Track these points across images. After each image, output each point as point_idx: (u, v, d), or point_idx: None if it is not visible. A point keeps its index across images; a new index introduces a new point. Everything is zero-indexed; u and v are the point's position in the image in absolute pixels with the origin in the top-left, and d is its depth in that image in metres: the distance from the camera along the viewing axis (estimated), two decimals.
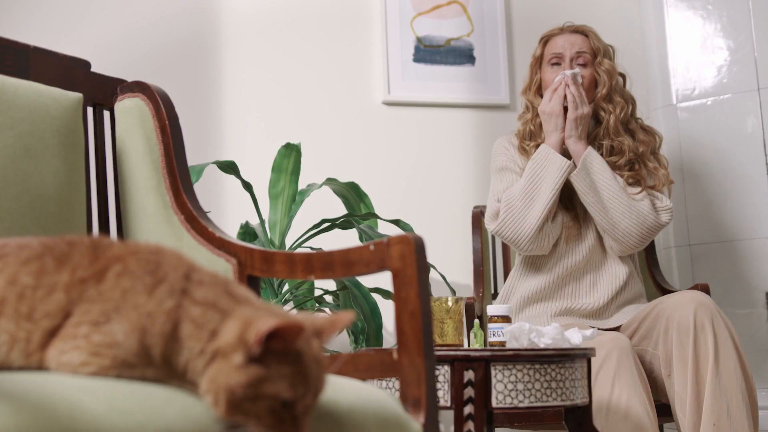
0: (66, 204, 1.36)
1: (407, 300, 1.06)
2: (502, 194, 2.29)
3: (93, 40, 2.67)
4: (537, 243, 2.23)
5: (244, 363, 0.77)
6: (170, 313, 0.80)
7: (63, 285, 0.82)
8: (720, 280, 2.67)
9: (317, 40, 2.89)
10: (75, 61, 1.48)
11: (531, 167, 2.24)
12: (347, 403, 0.95)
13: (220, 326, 0.80)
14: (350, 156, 2.85)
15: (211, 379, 0.78)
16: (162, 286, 0.82)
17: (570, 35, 2.38)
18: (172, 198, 1.43)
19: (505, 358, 1.53)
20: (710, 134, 2.78)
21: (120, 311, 0.80)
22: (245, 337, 0.78)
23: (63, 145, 1.37)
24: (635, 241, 2.23)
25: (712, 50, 2.80)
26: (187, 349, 0.79)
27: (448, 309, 1.80)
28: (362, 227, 2.25)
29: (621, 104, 2.33)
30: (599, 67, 2.34)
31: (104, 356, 0.80)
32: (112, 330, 0.80)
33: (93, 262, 0.84)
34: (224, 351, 0.78)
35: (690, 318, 1.94)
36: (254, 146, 2.77)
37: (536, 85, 2.42)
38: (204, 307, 0.81)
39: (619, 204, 2.21)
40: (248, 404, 0.77)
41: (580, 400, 1.61)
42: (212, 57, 2.81)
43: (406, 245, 1.07)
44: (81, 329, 0.80)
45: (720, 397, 1.86)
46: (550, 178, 2.21)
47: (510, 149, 2.40)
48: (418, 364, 1.05)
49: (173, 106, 1.50)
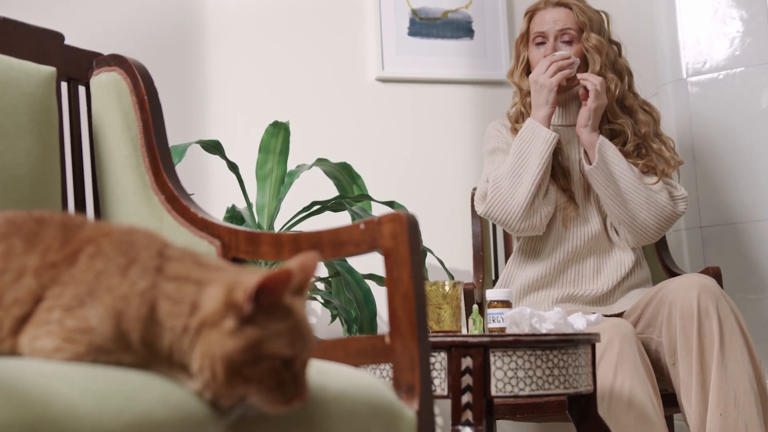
0: (40, 184, 1.35)
1: (399, 281, 1.06)
2: (491, 175, 2.29)
3: (68, 13, 2.66)
4: (528, 221, 2.22)
5: (238, 326, 0.77)
6: (144, 294, 0.80)
7: (32, 269, 0.82)
8: (732, 263, 2.68)
9: (307, 13, 2.88)
10: (48, 33, 1.48)
11: (517, 143, 2.23)
12: (336, 389, 0.95)
13: (199, 297, 0.79)
14: (342, 135, 2.85)
15: (203, 353, 0.77)
16: (134, 267, 0.81)
17: (552, 9, 2.35)
18: (152, 177, 1.43)
19: (505, 344, 1.54)
20: (722, 110, 2.77)
21: (94, 295, 0.80)
22: (233, 300, 0.77)
23: (36, 122, 1.36)
24: (653, 233, 2.25)
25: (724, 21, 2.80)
26: (169, 329, 0.79)
27: (445, 294, 1.80)
28: (355, 209, 2.25)
29: (615, 81, 2.30)
30: (586, 43, 2.31)
31: (78, 342, 0.80)
32: (86, 315, 0.80)
33: (64, 244, 0.84)
34: (211, 320, 0.77)
35: (693, 303, 1.94)
36: (240, 125, 2.77)
37: (523, 64, 2.40)
38: (177, 282, 0.80)
39: (638, 196, 2.21)
40: (249, 370, 0.77)
41: (584, 388, 1.62)
42: (196, 31, 2.80)
43: (398, 223, 1.08)
44: (53, 314, 0.80)
45: (726, 386, 1.87)
46: (536, 152, 2.20)
47: (503, 131, 2.39)
48: (411, 349, 1.05)
49: (152, 80, 1.49)
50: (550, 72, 2.24)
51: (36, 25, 1.47)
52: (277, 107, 2.78)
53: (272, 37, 2.85)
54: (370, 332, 2.24)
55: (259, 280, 0.76)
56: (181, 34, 2.78)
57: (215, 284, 0.79)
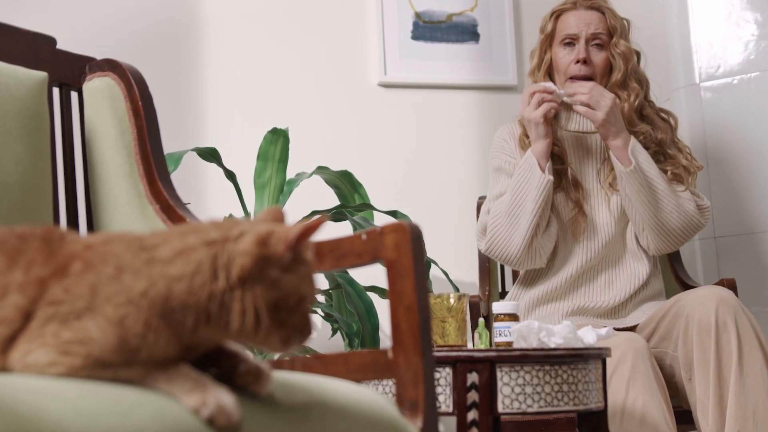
0: (30, 193, 1.35)
1: (403, 293, 1.06)
2: (492, 203, 2.30)
3: (60, 17, 2.66)
4: (528, 260, 2.26)
5: (279, 275, 0.83)
6: (147, 294, 0.80)
7: (17, 285, 0.82)
8: (748, 275, 2.67)
9: (306, 17, 2.89)
10: (39, 37, 1.48)
11: (515, 180, 2.25)
12: (337, 405, 0.94)
13: (215, 261, 0.82)
14: (343, 142, 2.85)
15: (245, 308, 0.81)
16: (125, 272, 0.81)
17: (584, 12, 2.36)
18: (147, 186, 1.43)
19: (512, 359, 1.53)
20: (737, 116, 2.77)
21: (91, 307, 0.80)
22: (269, 251, 0.82)
23: (26, 128, 1.36)
24: (678, 240, 2.27)
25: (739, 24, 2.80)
26: (192, 307, 0.81)
27: (449, 307, 1.80)
28: (356, 219, 2.25)
29: (636, 90, 2.32)
30: (615, 49, 2.32)
31: (75, 354, 0.79)
32: (85, 326, 0.79)
33: (48, 258, 0.84)
34: (250, 275, 0.81)
35: (711, 316, 1.94)
36: (238, 132, 2.77)
37: (546, 65, 2.40)
38: (179, 258, 0.82)
39: (669, 203, 2.22)
40: (285, 314, 0.83)
41: (595, 405, 1.61)
42: (192, 37, 2.80)
43: (402, 233, 1.08)
44: (48, 327, 0.80)
45: (745, 402, 1.87)
46: (532, 195, 2.21)
47: (510, 142, 2.39)
48: (415, 364, 1.05)
49: (147, 86, 1.50)
50: (533, 105, 2.24)
51: (26, 28, 1.47)
52: (276, 113, 2.78)
53: (271, 40, 2.86)
54: (372, 346, 2.24)
55: (299, 231, 0.82)
56: (177, 39, 2.79)
57: (239, 241, 0.82)
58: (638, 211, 2.24)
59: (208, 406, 0.79)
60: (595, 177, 2.33)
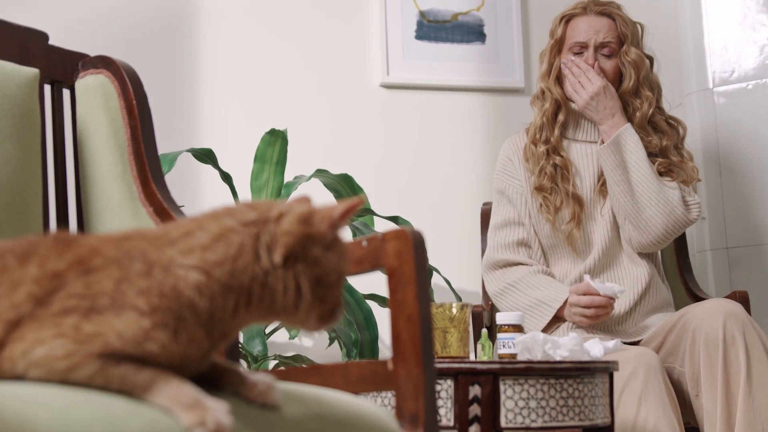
0: (20, 193, 1.36)
1: (404, 302, 1.06)
2: (498, 232, 2.37)
3: (53, 12, 2.67)
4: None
5: (322, 252, 0.86)
6: (181, 283, 0.82)
7: (31, 278, 0.82)
8: (761, 287, 2.67)
9: (306, 15, 2.90)
10: (30, 32, 1.48)
11: (532, 293, 2.26)
12: (335, 418, 0.95)
13: (256, 242, 0.84)
14: (343, 145, 2.86)
15: (290, 285, 0.84)
16: (155, 268, 0.82)
17: (595, 18, 2.36)
18: (140, 187, 1.43)
19: (516, 371, 1.53)
20: (751, 122, 2.78)
21: (119, 302, 0.80)
22: (312, 230, 0.86)
23: (16, 126, 1.37)
24: (659, 233, 2.24)
25: (754, 27, 2.81)
26: (236, 289, 0.83)
27: (452, 317, 1.80)
28: (356, 225, 2.25)
29: (649, 99, 2.33)
30: (625, 57, 2.33)
31: (93, 344, 0.79)
32: (108, 321, 0.79)
33: (63, 253, 0.84)
34: (295, 253, 0.85)
35: (719, 330, 1.94)
36: (234, 132, 2.77)
37: (556, 71, 2.40)
38: (217, 243, 0.84)
39: (648, 188, 2.22)
40: (326, 290, 0.87)
41: (601, 420, 1.61)
42: (188, 33, 2.81)
43: (403, 240, 1.08)
44: (68, 319, 0.79)
45: (754, 419, 1.87)
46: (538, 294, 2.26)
47: (514, 160, 2.40)
48: (415, 375, 1.05)
49: (142, 84, 1.50)
50: (586, 315, 2.17)
51: (17, 23, 1.47)
52: (274, 114, 2.78)
53: (270, 36, 2.86)
54: (371, 357, 2.24)
55: (343, 210, 0.87)
56: (173, 35, 2.79)
57: (272, 222, 0.85)
58: (614, 193, 2.25)
59: (206, 426, 0.79)
60: (594, 184, 2.34)
